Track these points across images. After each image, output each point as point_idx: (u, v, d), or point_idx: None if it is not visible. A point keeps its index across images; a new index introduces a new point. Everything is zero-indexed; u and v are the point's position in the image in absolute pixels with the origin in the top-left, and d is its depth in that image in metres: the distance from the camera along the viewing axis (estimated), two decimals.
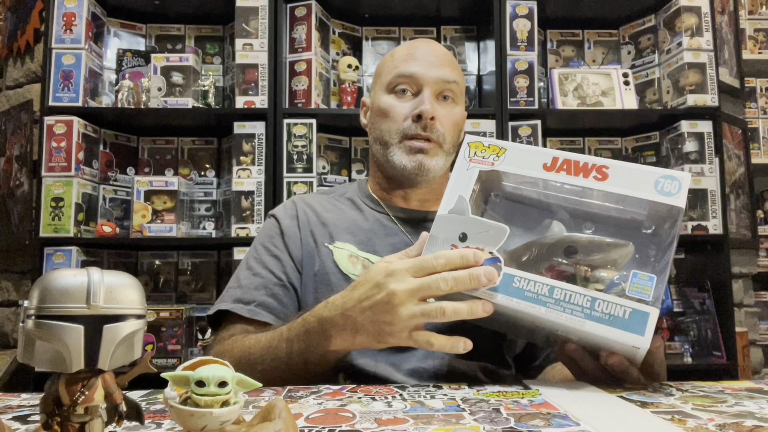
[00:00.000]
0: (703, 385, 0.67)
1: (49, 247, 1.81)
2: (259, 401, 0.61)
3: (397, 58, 0.99)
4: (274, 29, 1.95)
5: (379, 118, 0.99)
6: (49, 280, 0.34)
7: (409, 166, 0.95)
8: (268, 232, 1.00)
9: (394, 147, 0.96)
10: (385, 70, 1.01)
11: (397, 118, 0.96)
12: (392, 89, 0.98)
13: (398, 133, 0.96)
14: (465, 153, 0.73)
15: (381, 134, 0.98)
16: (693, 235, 1.93)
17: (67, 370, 0.34)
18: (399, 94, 0.97)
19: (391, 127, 0.96)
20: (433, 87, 0.96)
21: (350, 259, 0.94)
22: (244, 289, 0.92)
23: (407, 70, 0.96)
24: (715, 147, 1.97)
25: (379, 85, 1.02)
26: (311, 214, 1.00)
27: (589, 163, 0.67)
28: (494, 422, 0.50)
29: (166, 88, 1.96)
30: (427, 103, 0.93)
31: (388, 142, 0.97)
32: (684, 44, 2.00)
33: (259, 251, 0.97)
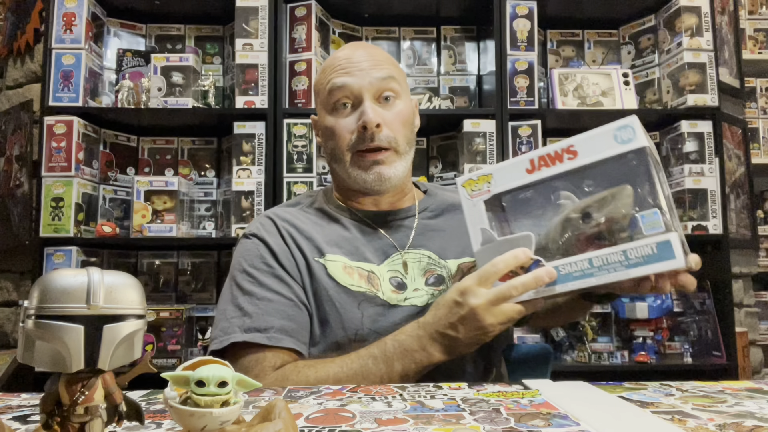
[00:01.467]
0: (703, 385, 0.67)
1: (49, 247, 1.81)
2: (259, 401, 0.61)
3: (327, 71, 0.96)
4: (274, 29, 1.95)
5: (327, 138, 0.97)
6: (49, 280, 0.34)
7: (369, 180, 0.93)
8: (254, 253, 0.94)
9: (348, 164, 0.94)
10: (320, 87, 0.98)
11: (343, 135, 0.93)
12: (332, 107, 0.95)
13: (348, 149, 0.94)
14: (464, 194, 0.80)
15: (333, 152, 0.96)
16: (693, 235, 1.93)
17: (67, 370, 0.34)
18: (340, 110, 0.94)
19: (340, 144, 0.94)
20: (371, 91, 0.93)
21: (345, 270, 0.92)
22: (254, 317, 0.87)
23: (339, 82, 0.93)
24: (715, 147, 1.97)
25: (319, 104, 0.99)
26: (292, 229, 0.96)
27: (558, 149, 0.74)
28: (494, 422, 0.50)
29: (166, 88, 1.96)
30: (369, 112, 0.91)
31: (341, 159, 0.95)
32: (684, 44, 2.00)
33: (254, 275, 0.92)
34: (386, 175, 0.93)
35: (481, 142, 1.95)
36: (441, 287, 0.94)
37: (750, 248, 2.34)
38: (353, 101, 0.94)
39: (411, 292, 0.92)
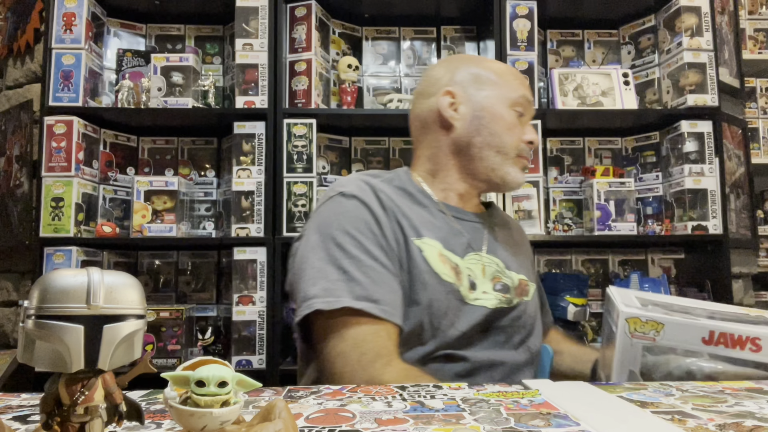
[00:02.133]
0: (703, 385, 0.67)
1: (49, 247, 1.81)
2: (259, 401, 0.61)
3: (516, 80, 1.03)
4: (274, 29, 1.95)
5: (502, 128, 0.99)
6: (49, 280, 0.34)
7: (518, 182, 1.00)
8: (356, 215, 0.89)
9: (511, 161, 0.99)
10: (505, 83, 1.01)
11: (515, 135, 1.00)
12: (514, 105, 1.00)
13: (516, 150, 1.00)
14: (625, 329, 0.76)
15: (502, 144, 0.99)
16: (693, 235, 1.93)
17: (67, 370, 0.34)
18: (518, 114, 1.01)
19: (512, 142, 0.99)
20: (531, 119, 1.05)
21: (440, 257, 0.91)
22: (364, 285, 0.83)
23: (529, 97, 1.02)
24: (715, 147, 1.97)
25: (497, 94, 1.00)
26: (389, 202, 0.93)
27: (743, 335, 0.71)
28: (494, 422, 0.50)
29: (166, 88, 1.96)
30: (537, 134, 1.03)
31: (506, 153, 0.99)
32: (684, 44, 2.00)
33: (358, 239, 0.87)
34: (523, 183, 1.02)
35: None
36: (507, 295, 0.95)
37: (750, 248, 2.34)
38: (525, 116, 1.03)
39: (480, 293, 0.92)
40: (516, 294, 0.97)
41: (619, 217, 1.97)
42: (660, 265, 2.19)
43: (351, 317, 0.82)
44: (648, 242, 2.16)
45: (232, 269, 1.90)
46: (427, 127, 1.04)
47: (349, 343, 0.81)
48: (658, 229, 2.03)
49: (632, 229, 1.96)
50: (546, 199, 2.14)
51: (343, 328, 0.82)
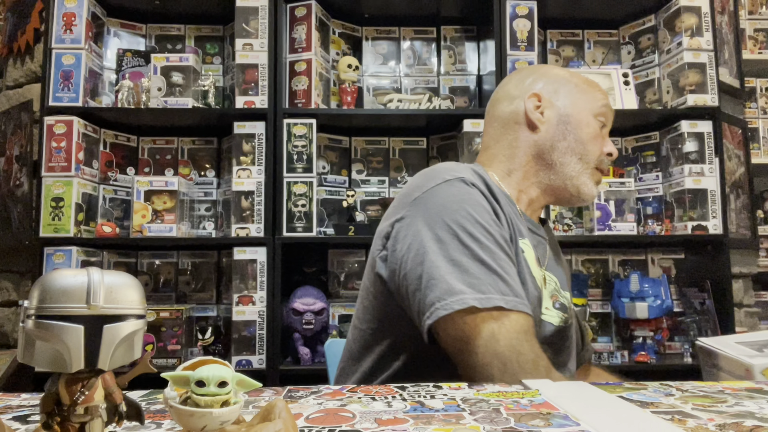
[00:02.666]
0: (703, 385, 0.67)
1: (49, 247, 1.81)
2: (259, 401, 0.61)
3: (600, 90, 1.02)
4: (274, 29, 1.95)
5: (587, 136, 0.97)
6: (49, 280, 0.34)
7: (594, 194, 0.98)
8: (478, 202, 0.84)
9: (589, 172, 0.97)
10: (591, 93, 1.00)
11: (598, 147, 0.98)
12: (597, 116, 0.98)
13: (596, 161, 0.98)
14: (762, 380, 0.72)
15: (585, 152, 0.97)
16: (693, 235, 1.93)
17: (67, 370, 0.34)
18: (600, 125, 0.99)
19: (595, 152, 0.97)
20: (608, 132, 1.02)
21: (537, 262, 0.88)
22: (506, 280, 0.78)
23: (611, 108, 1.01)
24: (715, 147, 1.97)
25: (584, 102, 0.99)
26: (502, 198, 0.89)
27: None
28: (494, 422, 0.50)
29: (166, 88, 1.96)
30: (615, 147, 1.00)
31: (588, 163, 0.97)
32: (684, 44, 2.00)
33: (488, 229, 0.81)
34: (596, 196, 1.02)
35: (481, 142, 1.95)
36: (565, 314, 0.92)
37: (750, 248, 2.34)
38: (605, 126, 1.00)
39: (544, 309, 0.89)
40: (569, 314, 0.95)
41: (619, 217, 1.97)
42: (660, 265, 2.19)
43: (501, 314, 0.76)
44: (648, 242, 2.16)
45: (232, 269, 1.90)
46: (508, 128, 1.01)
47: (503, 344, 0.75)
48: (658, 229, 2.03)
49: (632, 229, 1.96)
50: None
51: (495, 326, 0.75)
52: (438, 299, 0.76)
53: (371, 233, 1.95)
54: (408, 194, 0.87)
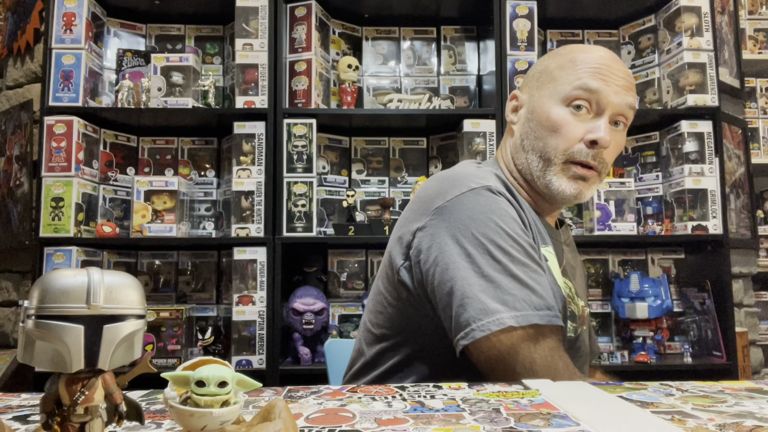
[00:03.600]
0: (703, 385, 0.67)
1: (49, 247, 1.81)
2: (259, 401, 0.61)
3: (581, 66, 0.86)
4: (274, 29, 1.95)
5: (546, 130, 0.87)
6: (49, 280, 0.34)
7: (567, 193, 0.86)
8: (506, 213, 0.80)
9: (556, 168, 0.86)
10: (564, 76, 0.87)
11: (569, 138, 0.85)
12: (569, 102, 0.86)
13: (564, 154, 0.86)
14: None
15: (545, 149, 0.87)
16: (693, 235, 1.93)
17: (67, 370, 0.34)
18: (574, 110, 0.85)
19: (559, 145, 0.86)
20: (613, 111, 0.85)
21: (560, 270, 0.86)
22: (538, 293, 0.75)
23: (593, 86, 0.84)
24: (715, 147, 1.97)
25: (551, 90, 0.88)
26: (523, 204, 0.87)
27: None
28: (494, 422, 0.50)
29: (166, 88, 1.96)
30: (605, 131, 0.84)
31: (551, 160, 0.86)
32: (684, 44, 2.00)
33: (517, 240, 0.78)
34: (584, 194, 0.87)
35: (481, 142, 1.95)
36: (574, 324, 0.88)
37: (750, 248, 2.34)
38: (591, 110, 0.86)
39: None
40: (580, 323, 0.91)
41: (619, 217, 1.97)
42: (660, 265, 2.19)
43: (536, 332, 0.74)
44: (648, 242, 2.16)
45: (232, 269, 1.90)
46: (507, 129, 0.97)
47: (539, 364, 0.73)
48: (658, 229, 2.03)
49: (632, 229, 1.96)
50: None
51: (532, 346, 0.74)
52: (474, 319, 0.74)
53: (371, 233, 1.96)
54: (429, 200, 0.83)
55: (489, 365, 0.76)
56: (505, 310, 0.73)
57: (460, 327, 0.74)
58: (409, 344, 0.86)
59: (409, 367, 0.86)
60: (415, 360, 0.85)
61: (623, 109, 0.86)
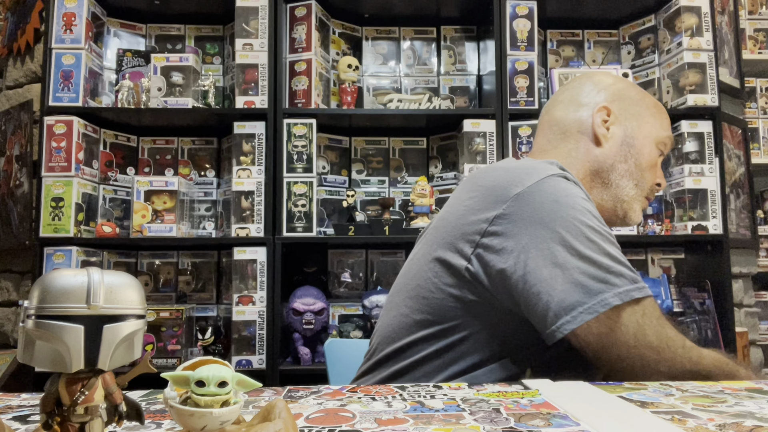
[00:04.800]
0: (703, 385, 0.67)
1: (49, 247, 1.81)
2: (259, 401, 0.61)
3: (665, 119, 1.01)
4: (274, 29, 1.95)
5: (645, 164, 0.98)
6: (49, 280, 0.34)
7: (638, 221, 1.00)
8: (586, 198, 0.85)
9: (641, 199, 0.98)
10: (658, 122, 1.00)
11: (654, 177, 0.99)
12: (659, 145, 0.99)
13: (649, 189, 0.99)
14: None
15: (641, 180, 0.98)
16: (693, 235, 1.93)
17: (67, 370, 0.34)
18: (659, 153, 1.00)
19: (650, 180, 0.99)
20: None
21: None
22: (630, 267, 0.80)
23: (672, 140, 1.02)
24: (715, 147, 1.97)
25: (649, 129, 0.99)
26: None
27: None
28: (494, 422, 0.50)
29: (166, 88, 1.96)
30: (665, 180, 1.01)
31: (642, 190, 0.98)
32: (684, 44, 2.00)
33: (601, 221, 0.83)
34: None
35: (481, 142, 1.95)
36: None
37: (750, 248, 2.34)
38: (662, 155, 1.01)
39: None
40: None
41: None
42: (660, 265, 2.19)
43: (639, 304, 0.76)
44: (648, 242, 2.16)
45: (232, 269, 1.90)
46: (569, 135, 0.99)
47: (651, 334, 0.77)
48: (658, 229, 2.03)
49: (632, 229, 1.96)
50: None
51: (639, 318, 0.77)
52: (579, 303, 0.75)
53: (371, 233, 1.96)
54: (502, 188, 0.83)
55: (599, 344, 0.77)
56: (607, 288, 0.75)
57: (562, 312, 0.75)
58: (458, 330, 0.85)
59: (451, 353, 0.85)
60: (461, 345, 0.85)
61: None
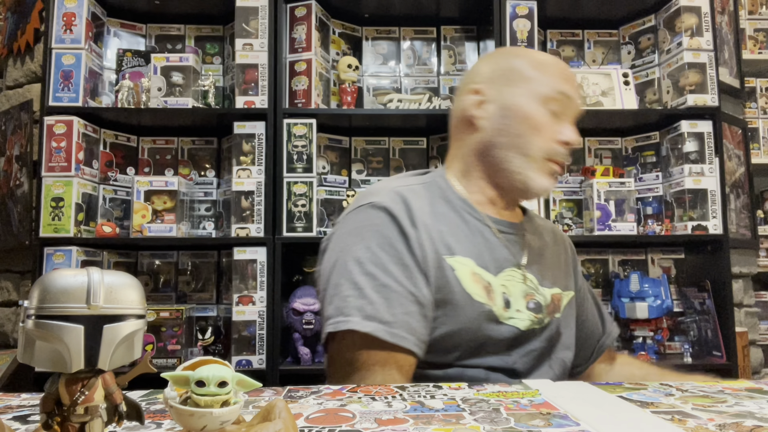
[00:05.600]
0: (703, 385, 0.67)
1: (49, 247, 1.81)
2: (259, 401, 0.61)
3: (553, 71, 0.93)
4: (274, 29, 1.95)
5: (527, 127, 0.90)
6: (49, 280, 0.34)
7: (546, 188, 0.92)
8: (381, 230, 0.84)
9: (536, 165, 0.90)
10: (539, 77, 0.92)
11: (548, 137, 0.90)
12: (546, 103, 0.91)
13: (544, 152, 0.90)
14: None
15: (526, 146, 0.90)
16: (693, 235, 1.93)
17: (67, 370, 0.34)
18: (552, 112, 0.91)
19: (540, 143, 0.90)
20: (575, 116, 0.94)
21: (473, 277, 0.85)
22: (376, 305, 0.79)
23: (569, 92, 0.92)
24: (715, 147, 1.97)
25: (526, 89, 0.91)
26: (425, 216, 0.87)
27: None
28: (494, 422, 0.50)
29: (166, 88, 1.96)
30: (576, 135, 0.92)
31: (533, 156, 0.90)
32: (684, 44, 2.00)
33: (378, 255, 0.82)
34: (551, 190, 0.95)
35: None
36: (539, 315, 0.90)
37: (750, 248, 2.34)
38: (562, 114, 0.92)
39: (514, 311, 0.87)
40: (548, 312, 0.92)
41: (619, 217, 1.97)
42: (660, 265, 2.19)
43: (361, 341, 0.78)
44: (648, 242, 2.16)
45: (232, 269, 1.90)
46: (455, 129, 0.99)
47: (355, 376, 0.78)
48: (658, 229, 2.03)
49: (632, 229, 1.96)
50: (546, 199, 2.14)
51: (351, 353, 0.79)
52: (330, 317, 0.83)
53: None
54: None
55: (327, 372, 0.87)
56: (334, 315, 0.81)
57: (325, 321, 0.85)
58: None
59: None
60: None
61: (578, 114, 0.96)
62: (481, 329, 0.84)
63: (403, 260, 0.82)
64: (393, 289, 0.80)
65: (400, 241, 0.83)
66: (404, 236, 0.84)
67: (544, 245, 1.01)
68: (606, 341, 1.08)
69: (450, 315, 0.83)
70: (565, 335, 0.96)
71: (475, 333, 0.84)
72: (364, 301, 0.79)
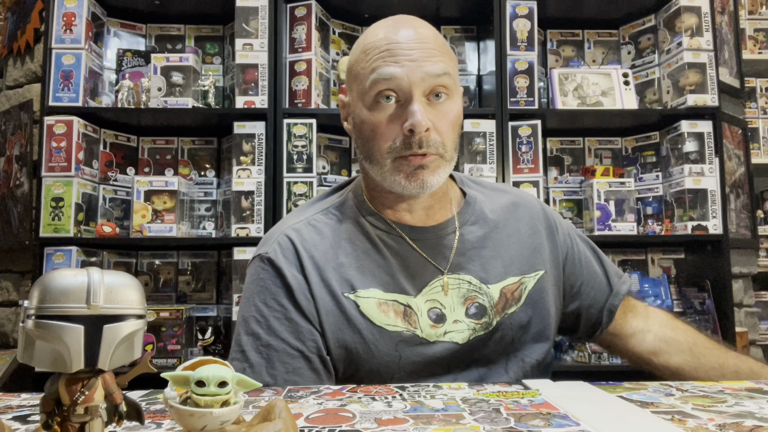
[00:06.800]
0: (703, 385, 0.67)
1: (49, 247, 1.81)
2: (259, 401, 0.61)
3: (371, 55, 0.80)
4: (274, 29, 1.95)
5: (369, 133, 0.81)
6: (49, 280, 0.34)
7: (410, 187, 0.80)
8: (266, 285, 0.82)
9: (388, 168, 0.80)
10: (361, 71, 0.81)
11: (386, 136, 0.79)
12: (372, 99, 0.79)
13: (390, 153, 0.79)
14: None
15: (370, 153, 0.81)
16: (693, 235, 1.93)
17: (67, 370, 0.34)
18: (381, 104, 0.79)
19: (380, 146, 0.79)
20: (421, 88, 0.78)
21: (380, 307, 0.81)
22: (255, 367, 0.78)
23: (387, 73, 0.77)
24: (715, 147, 1.97)
25: (358, 91, 0.82)
26: (318, 255, 0.83)
27: None
28: (494, 422, 0.50)
29: (166, 88, 1.96)
30: (419, 114, 0.76)
31: (379, 162, 0.80)
32: (684, 44, 2.00)
33: (263, 313, 0.81)
34: (430, 182, 0.80)
35: (481, 142, 1.95)
36: (483, 319, 0.83)
37: (750, 248, 2.34)
38: (399, 96, 0.78)
39: (450, 324, 0.82)
40: (496, 312, 0.84)
41: (619, 217, 1.97)
42: (660, 265, 2.19)
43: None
44: (648, 242, 2.16)
45: (232, 269, 1.90)
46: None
47: None
48: (658, 229, 2.03)
49: (632, 229, 1.96)
50: (546, 199, 2.14)
51: None
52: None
53: None
54: None
55: None
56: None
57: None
58: None
59: None
60: None
61: (431, 81, 0.78)
62: (405, 357, 0.80)
63: (288, 315, 0.80)
64: (275, 348, 0.79)
65: (284, 294, 0.81)
66: (287, 288, 0.81)
67: (489, 231, 0.89)
68: (614, 301, 0.96)
69: (366, 352, 0.80)
70: (534, 325, 0.87)
71: (402, 362, 0.80)
72: (245, 365, 0.79)
